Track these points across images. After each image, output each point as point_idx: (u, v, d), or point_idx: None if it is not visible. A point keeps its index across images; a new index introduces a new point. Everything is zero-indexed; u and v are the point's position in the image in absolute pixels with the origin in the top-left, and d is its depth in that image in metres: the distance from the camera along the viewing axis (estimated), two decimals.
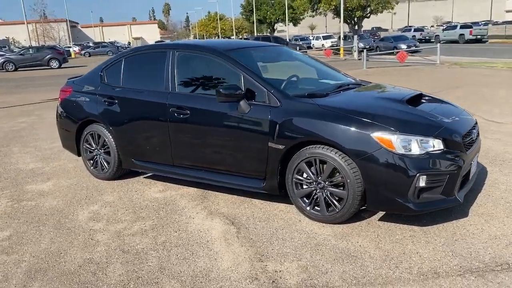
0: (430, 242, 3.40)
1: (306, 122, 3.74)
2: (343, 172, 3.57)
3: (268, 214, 4.09)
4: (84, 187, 5.13)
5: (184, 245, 3.56)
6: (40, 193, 5.01)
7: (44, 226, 4.07)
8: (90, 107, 5.20)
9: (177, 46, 4.78)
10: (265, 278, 3.01)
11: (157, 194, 4.77)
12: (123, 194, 4.82)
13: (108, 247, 3.59)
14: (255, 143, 4.02)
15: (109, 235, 3.82)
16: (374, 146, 3.44)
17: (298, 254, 3.31)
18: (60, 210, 4.44)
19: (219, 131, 4.24)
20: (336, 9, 32.22)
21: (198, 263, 3.27)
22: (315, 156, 3.70)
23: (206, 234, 3.73)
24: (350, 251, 3.33)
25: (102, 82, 5.21)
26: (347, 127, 3.56)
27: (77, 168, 5.92)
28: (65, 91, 5.59)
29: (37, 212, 4.42)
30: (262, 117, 3.96)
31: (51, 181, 5.43)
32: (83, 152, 5.42)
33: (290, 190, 3.93)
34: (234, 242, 3.56)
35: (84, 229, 3.96)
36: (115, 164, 5.14)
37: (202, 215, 4.15)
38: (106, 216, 4.24)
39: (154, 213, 4.26)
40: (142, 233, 3.82)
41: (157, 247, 3.55)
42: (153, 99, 4.67)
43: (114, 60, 5.24)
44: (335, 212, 3.72)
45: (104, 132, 5.11)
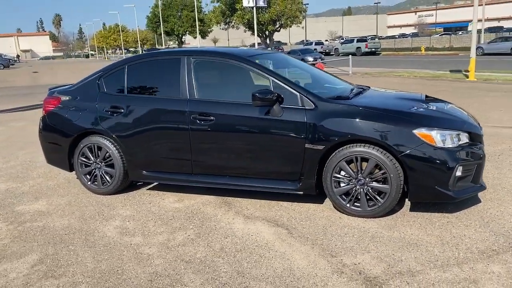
0: (469, 226, 3.79)
1: (348, 122, 3.94)
2: (386, 167, 3.83)
3: (305, 214, 4.20)
4: (87, 203, 4.78)
5: (245, 249, 3.54)
6: (39, 213, 4.57)
7: (74, 246, 3.75)
8: (89, 118, 4.87)
9: (192, 53, 4.69)
10: (350, 271, 3.13)
11: (176, 204, 4.62)
12: (138, 207, 4.59)
13: (165, 260, 3.43)
14: (290, 145, 4.12)
15: (157, 247, 3.65)
16: (416, 141, 3.75)
17: (364, 247, 3.48)
18: (78, 229, 4.11)
19: (249, 135, 4.26)
20: (249, 23, 33.14)
21: (274, 264, 3.28)
22: (357, 154, 3.91)
23: (259, 237, 3.74)
24: (407, 239, 3.58)
25: (101, 91, 4.92)
26: (390, 125, 3.83)
27: (62, 185, 5.47)
28: (52, 102, 5.16)
29: (53, 233, 4.04)
30: (298, 119, 4.08)
31: (42, 200, 4.96)
32: (77, 166, 5.03)
33: (328, 188, 4.09)
34: (293, 242, 3.62)
35: (124, 245, 3.73)
36: (120, 177, 4.86)
37: (239, 220, 4.13)
38: (137, 230, 4.02)
39: (188, 222, 4.14)
40: (192, 243, 3.71)
41: (219, 254, 3.48)
42: (169, 107, 4.54)
43: (113, 68, 4.98)
44: (376, 206, 3.95)
45: (106, 144, 4.82)
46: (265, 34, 34.03)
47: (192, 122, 4.41)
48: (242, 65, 4.45)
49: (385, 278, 3.02)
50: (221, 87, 4.66)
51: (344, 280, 3.02)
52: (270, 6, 31.85)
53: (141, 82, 4.85)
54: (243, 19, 32.34)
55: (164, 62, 4.80)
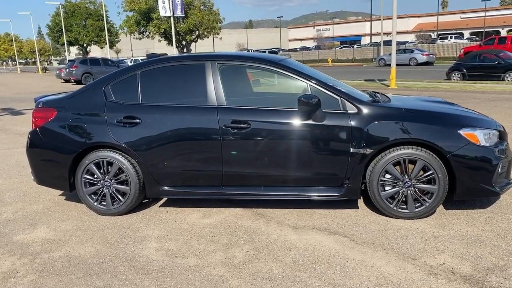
0: (510, 218, 4.00)
1: (395, 125, 3.96)
2: (434, 168, 3.91)
3: (351, 220, 4.13)
4: (100, 226, 4.23)
5: (320, 261, 3.37)
6: (50, 241, 3.94)
7: (125, 275, 3.27)
8: (96, 130, 4.34)
9: (217, 58, 4.40)
10: (443, 272, 3.12)
11: (206, 220, 4.28)
12: (166, 226, 4.16)
13: (243, 280, 3.14)
14: (334, 151, 4.05)
15: (223, 267, 3.32)
16: (463, 141, 3.89)
17: (435, 247, 3.50)
18: (112, 255, 3.60)
19: (289, 142, 4.10)
20: (165, 33, 32.43)
21: (362, 273, 3.16)
22: (405, 157, 3.95)
23: (325, 247, 3.59)
24: (467, 236, 3.68)
25: (109, 100, 4.41)
26: (437, 126, 3.93)
27: (53, 208, 4.80)
28: (45, 114, 4.51)
29: (85, 262, 3.50)
30: (341, 124, 4.02)
31: (41, 227, 4.29)
32: (81, 186, 4.44)
33: (375, 192, 4.07)
34: (363, 249, 3.53)
35: (183, 268, 3.34)
36: (136, 195, 4.38)
37: (289, 231, 3.94)
38: (184, 250, 3.64)
39: (235, 237, 3.84)
40: (258, 259, 3.44)
41: (297, 267, 3.27)
42: (196, 115, 4.21)
43: (122, 75, 4.50)
44: (424, 207, 4.02)
45: (119, 159, 4.32)
46: (182, 45, 33.50)
47: (224, 131, 4.13)
48: (275, 70, 4.28)
49: (480, 275, 3.06)
50: (252, 93, 4.43)
51: (445, 281, 3.00)
52: (187, 16, 31.49)
53: (159, 90, 4.44)
54: (160, 28, 31.55)
55: (185, 68, 4.44)
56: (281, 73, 4.29)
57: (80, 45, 50.79)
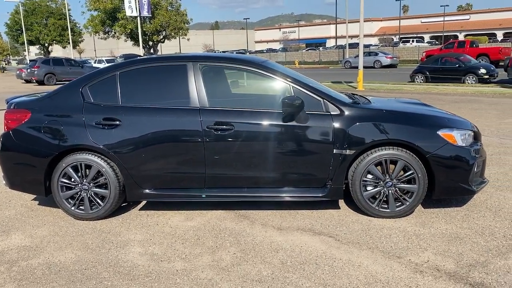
0: (485, 216, 4.15)
1: (377, 126, 4.03)
2: (414, 168, 4.01)
3: (333, 220, 4.18)
4: (79, 232, 4.09)
5: (308, 261, 3.38)
6: (26, 248, 3.78)
7: (110, 281, 3.18)
8: (74, 133, 4.20)
9: (198, 59, 4.35)
10: (428, 269, 3.20)
11: (189, 223, 4.22)
12: (148, 230, 4.08)
13: (233, 282, 3.11)
14: (318, 152, 4.08)
15: (212, 270, 3.28)
16: (441, 141, 4.01)
17: (418, 245, 3.59)
18: (94, 261, 3.50)
19: (272, 144, 4.11)
20: (132, 33, 31.87)
21: (351, 272, 3.20)
22: (387, 157, 4.03)
23: (311, 248, 3.61)
24: (447, 234, 3.79)
25: (87, 101, 4.29)
26: (417, 128, 4.04)
27: (26, 213, 4.61)
28: (17, 116, 4.33)
29: (66, 269, 3.38)
30: (325, 125, 4.06)
31: (16, 233, 4.12)
32: (57, 190, 4.29)
33: (357, 192, 4.13)
34: (349, 249, 3.57)
35: (170, 272, 3.28)
36: (115, 198, 4.28)
37: (274, 232, 3.94)
38: (169, 254, 3.57)
39: (220, 240, 3.81)
40: (246, 261, 3.42)
41: (286, 268, 3.27)
42: (178, 117, 4.15)
43: (100, 75, 4.38)
44: (404, 206, 4.11)
45: (98, 162, 4.21)
46: (148, 45, 33.01)
47: (206, 132, 4.09)
48: (257, 71, 4.28)
49: (463, 272, 3.16)
50: (237, 94, 4.41)
51: (431, 278, 3.08)
52: (154, 16, 31.06)
53: (139, 91, 4.35)
54: (126, 28, 30.96)
55: (166, 69, 4.37)
56: (263, 74, 4.29)
57: (42, 45, 49.19)
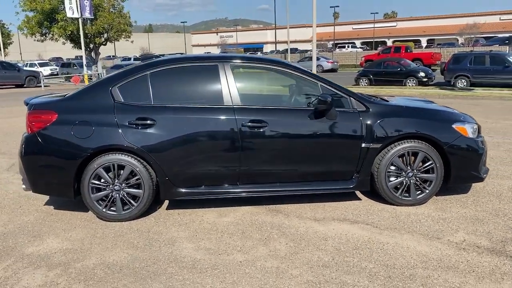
0: (491, 200, 4.63)
1: (401, 121, 4.39)
2: (433, 158, 4.40)
3: (362, 209, 4.46)
4: (118, 233, 4.06)
5: (361, 247, 3.63)
6: (71, 251, 3.70)
7: (181, 275, 3.23)
8: (107, 133, 4.16)
9: (229, 59, 4.47)
10: (469, 247, 3.57)
11: (225, 219, 4.32)
12: (189, 227, 4.13)
13: (302, 269, 3.29)
14: (347, 146, 4.36)
15: (275, 260, 3.43)
16: (456, 134, 4.44)
17: (450, 228, 3.96)
18: (152, 258, 3.52)
19: (304, 140, 4.33)
20: (72, 35, 30.58)
21: (404, 254, 3.48)
22: (409, 149, 4.39)
23: (356, 235, 3.85)
24: (470, 217, 4.20)
25: (117, 101, 4.26)
26: (436, 122, 4.45)
27: (48, 218, 4.47)
28: (43, 118, 4.20)
29: (127, 268, 3.38)
30: (354, 121, 4.35)
31: (50, 237, 3.99)
32: (88, 192, 4.21)
33: (382, 183, 4.45)
34: (392, 234, 3.86)
35: (235, 263, 3.39)
36: (149, 198, 4.29)
37: (314, 224, 4.14)
38: (222, 248, 3.67)
39: (265, 232, 3.95)
40: (302, 249, 3.60)
41: (343, 254, 3.49)
42: (213, 115, 4.25)
43: (129, 76, 4.36)
44: (424, 194, 4.49)
45: (132, 162, 4.20)
46: (89, 48, 31.82)
47: (242, 130, 4.23)
48: (287, 71, 4.49)
49: (499, 247, 3.56)
50: (265, 93, 4.57)
51: (476, 254, 3.44)
52: (96, 18, 30.00)
53: (171, 91, 4.38)
54: (66, 30, 29.61)
55: (197, 69, 4.44)
56: (291, 74, 4.50)
57: None
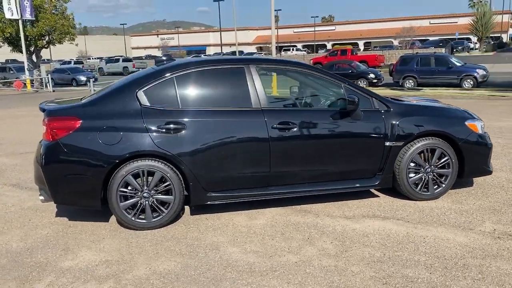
0: (503, 192, 4.94)
1: (421, 120, 4.59)
2: (449, 154, 4.64)
3: (386, 206, 4.60)
4: (154, 241, 3.92)
5: (403, 241, 3.76)
6: (112, 262, 3.53)
7: (244, 280, 3.19)
8: (136, 138, 4.02)
9: (254, 61, 4.45)
10: (501, 235, 3.81)
11: (258, 221, 4.29)
12: (225, 232, 4.07)
13: (360, 265, 3.35)
14: (372, 145, 4.50)
15: (329, 259, 3.47)
16: (469, 130, 4.71)
17: (476, 219, 4.19)
18: (206, 264, 3.44)
19: (331, 140, 4.41)
20: (10, 38, 28.79)
21: (448, 245, 3.65)
22: (428, 146, 4.59)
23: (393, 230, 3.98)
24: (487, 207, 4.47)
25: (144, 105, 4.12)
26: (451, 120, 4.70)
27: (67, 230, 4.23)
28: (66, 123, 3.99)
29: (184, 276, 3.28)
30: (377, 121, 4.49)
31: (82, 250, 3.78)
32: (116, 200, 4.03)
33: (404, 179, 4.61)
34: (426, 227, 4.03)
35: (292, 264, 3.39)
36: (180, 204, 4.18)
37: (346, 221, 4.22)
38: (270, 250, 3.66)
39: (305, 233, 3.98)
40: (350, 247, 3.67)
41: (391, 249, 3.60)
42: (243, 118, 4.23)
43: (154, 79, 4.23)
44: (441, 188, 4.73)
45: (162, 168, 4.07)
46: (30, 51, 30.08)
47: (272, 132, 4.23)
48: (311, 73, 4.56)
49: None
50: (295, 94, 4.59)
51: (511, 241, 3.68)
52: (38, 20, 28.42)
53: (198, 94, 4.31)
54: (4, 32, 27.78)
55: (223, 71, 4.40)
56: (316, 75, 4.57)
57: None
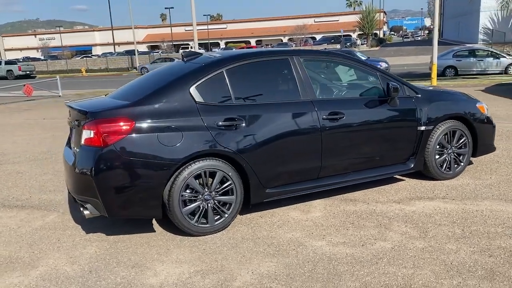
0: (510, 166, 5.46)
1: (446, 104, 4.89)
2: (466, 135, 5.01)
3: (420, 188, 4.81)
4: (225, 246, 3.64)
5: (468, 217, 3.97)
6: (202, 273, 3.21)
7: (385, 268, 3.13)
8: (198, 137, 3.70)
9: (298, 53, 4.35)
10: None
11: (315, 214, 4.22)
12: (293, 228, 3.92)
13: (460, 242, 3.48)
14: (408, 130, 4.68)
15: (424, 242, 3.55)
16: (479, 112, 5.12)
17: (505, 190, 4.58)
18: (314, 261, 3.30)
19: (375, 128, 4.51)
20: None
21: (504, 215, 3.94)
22: (451, 129, 4.90)
23: (448, 209, 4.18)
24: (506, 180, 4.91)
25: (199, 102, 3.81)
26: (467, 103, 5.08)
27: (115, 246, 3.75)
28: (119, 126, 3.52)
29: (300, 275, 3.11)
30: (410, 107, 4.69)
31: (157, 264, 3.36)
32: (178, 205, 3.67)
33: (432, 161, 4.87)
34: (474, 203, 4.30)
35: (402, 250, 3.41)
36: (240, 204, 3.96)
37: (398, 206, 4.32)
38: (356, 240, 3.62)
39: (372, 220, 4.00)
40: (428, 228, 3.77)
41: (465, 226, 3.78)
42: (296, 111, 4.13)
43: (204, 74, 3.93)
44: (460, 167, 5.09)
45: (224, 167, 3.81)
46: None
47: (323, 124, 4.20)
48: (352, 64, 4.61)
49: None
50: (338, 84, 4.56)
51: None
52: None
53: (248, 87, 4.11)
54: None
55: (270, 63, 4.23)
56: (354, 65, 4.63)
57: None
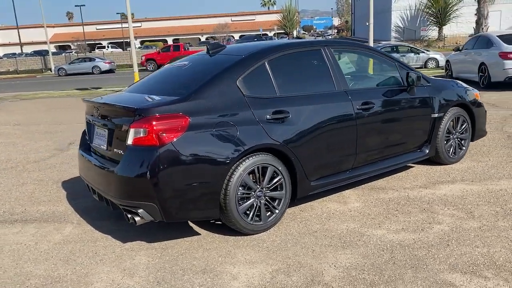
0: (508, 148, 5.84)
1: (452, 92, 5.12)
2: (467, 120, 5.30)
3: (435, 172, 4.99)
4: (289, 242, 3.47)
5: (494, 197, 4.18)
6: (283, 272, 3.05)
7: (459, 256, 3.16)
8: (252, 132, 3.52)
9: (328, 43, 4.30)
10: None
11: (353, 204, 4.18)
12: (342, 220, 3.85)
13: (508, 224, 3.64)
14: (424, 118, 4.83)
15: (478, 222, 3.67)
16: (476, 99, 5.44)
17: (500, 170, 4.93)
18: (385, 252, 3.26)
19: (399, 116, 4.60)
20: None
21: None
22: (456, 115, 5.15)
23: (474, 190, 4.35)
24: (505, 160, 5.26)
25: (246, 95, 3.62)
26: (467, 90, 5.35)
27: (173, 255, 3.44)
28: (175, 124, 3.23)
29: (393, 263, 3.06)
30: (425, 95, 4.84)
31: (229, 267, 3.11)
32: (235, 203, 3.44)
33: (443, 147, 5.07)
34: (495, 183, 4.54)
35: (461, 233, 3.49)
36: (289, 198, 3.83)
37: (428, 191, 4.43)
38: (414, 227, 3.66)
39: (413, 206, 4.06)
40: (472, 210, 3.90)
41: (503, 203, 3.99)
42: (335, 102, 4.09)
43: (248, 65, 3.75)
44: (462, 151, 5.35)
45: (275, 161, 3.66)
46: None
47: (357, 114, 4.20)
48: (374, 55, 4.69)
49: None
50: (366, 74, 4.57)
51: None
52: None
53: (290, 79, 4.00)
54: None
55: (305, 54, 4.15)
56: (377, 56, 4.70)
57: None
